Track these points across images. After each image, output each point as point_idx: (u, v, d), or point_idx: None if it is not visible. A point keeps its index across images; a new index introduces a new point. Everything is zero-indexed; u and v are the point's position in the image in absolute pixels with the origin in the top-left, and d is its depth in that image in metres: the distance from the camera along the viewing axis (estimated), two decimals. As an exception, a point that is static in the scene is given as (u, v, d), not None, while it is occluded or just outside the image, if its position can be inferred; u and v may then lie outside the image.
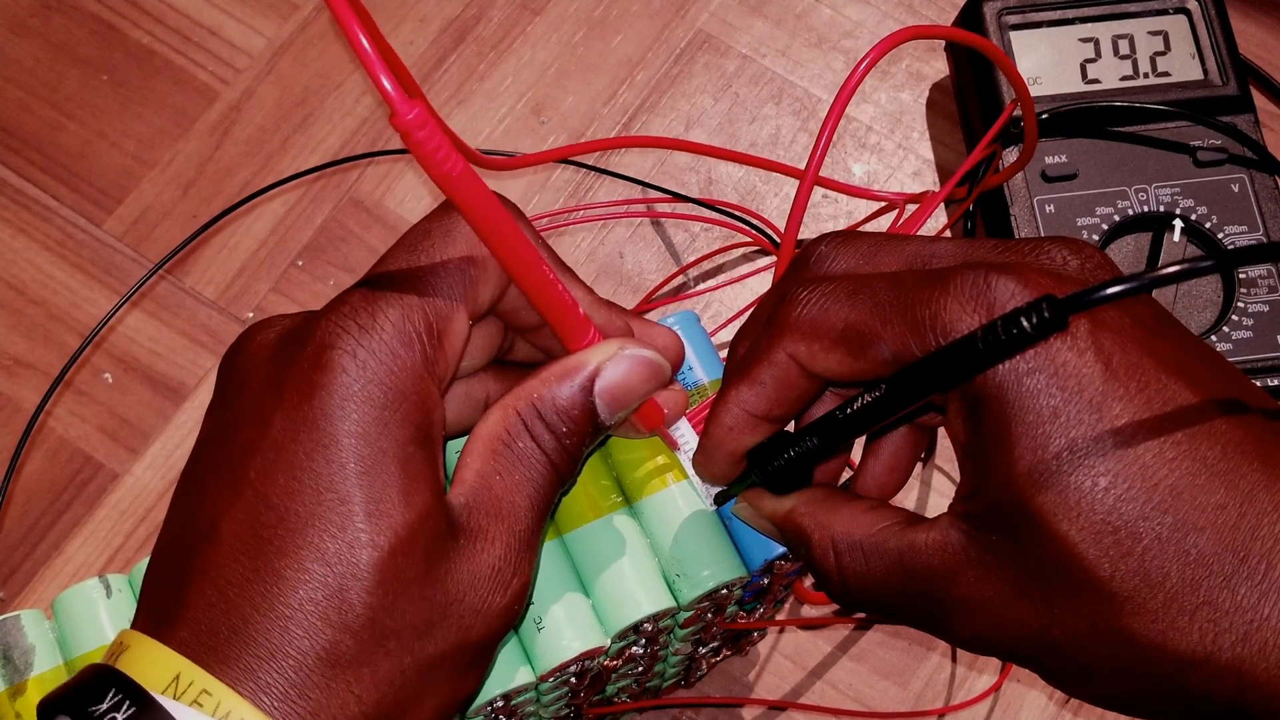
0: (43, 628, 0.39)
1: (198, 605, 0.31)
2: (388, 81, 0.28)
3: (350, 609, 0.31)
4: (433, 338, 0.34)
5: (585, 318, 0.36)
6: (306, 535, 0.31)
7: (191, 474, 0.34)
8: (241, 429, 0.33)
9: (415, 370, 0.33)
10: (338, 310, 0.33)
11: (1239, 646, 0.29)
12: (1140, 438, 0.30)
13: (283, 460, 0.32)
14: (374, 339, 0.33)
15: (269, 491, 0.32)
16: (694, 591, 0.39)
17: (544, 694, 0.40)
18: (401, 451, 0.33)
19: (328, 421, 0.32)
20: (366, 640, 0.31)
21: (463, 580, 0.33)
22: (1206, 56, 0.62)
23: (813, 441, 0.36)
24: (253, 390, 0.33)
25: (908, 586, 0.34)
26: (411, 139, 0.29)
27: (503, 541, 0.34)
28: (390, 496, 0.32)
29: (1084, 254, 0.33)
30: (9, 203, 0.63)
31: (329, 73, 0.66)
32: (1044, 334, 0.29)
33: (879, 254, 0.35)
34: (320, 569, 0.31)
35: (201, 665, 0.31)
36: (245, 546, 0.32)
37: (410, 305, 0.33)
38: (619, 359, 0.36)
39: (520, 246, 0.33)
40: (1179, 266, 0.27)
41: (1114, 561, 0.30)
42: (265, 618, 0.31)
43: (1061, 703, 0.56)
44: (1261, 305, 0.58)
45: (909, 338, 0.32)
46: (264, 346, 0.34)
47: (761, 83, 0.66)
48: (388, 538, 0.32)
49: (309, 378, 0.32)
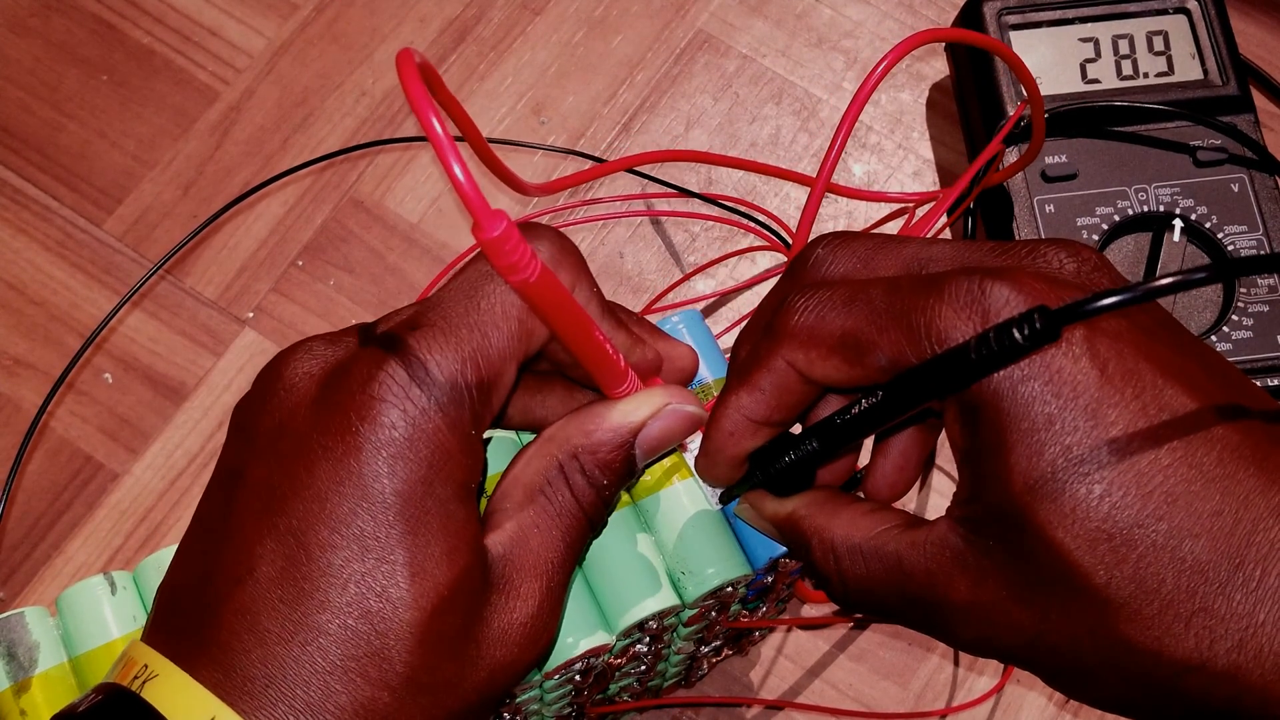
0: (47, 625, 0.39)
1: (232, 648, 0.31)
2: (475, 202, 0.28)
3: (390, 667, 0.31)
4: (484, 393, 0.33)
5: (626, 369, 0.36)
6: (349, 592, 0.31)
7: (222, 503, 0.33)
8: (283, 472, 0.32)
9: (464, 427, 0.33)
10: (388, 357, 0.32)
11: (1234, 652, 0.29)
12: (1136, 444, 0.30)
13: (326, 512, 0.32)
14: (425, 394, 0.32)
15: (311, 543, 0.31)
16: (699, 589, 0.40)
17: (548, 692, 0.41)
18: (444, 509, 0.32)
19: (374, 478, 0.32)
20: (403, 697, 0.31)
21: (495, 635, 0.33)
22: (1206, 56, 0.62)
23: (812, 445, 0.36)
24: (295, 432, 0.33)
25: (906, 589, 0.34)
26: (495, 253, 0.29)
27: (536, 599, 0.34)
28: (433, 555, 0.32)
29: (1080, 256, 0.33)
30: (9, 203, 0.63)
31: (329, 73, 0.66)
32: (1036, 345, 0.29)
33: (876, 257, 0.35)
34: (363, 626, 0.31)
35: (236, 710, 0.30)
36: (285, 595, 0.31)
37: (465, 359, 0.33)
38: (665, 414, 0.36)
39: (582, 324, 0.33)
40: (1172, 279, 0.27)
41: (1109, 568, 0.30)
42: (304, 670, 0.31)
43: (1061, 703, 0.56)
44: (1261, 305, 0.58)
45: (905, 345, 0.32)
46: (307, 382, 0.33)
47: (761, 83, 0.66)
48: (430, 599, 0.32)
49: (355, 427, 0.32)
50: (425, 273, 0.62)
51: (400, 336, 0.33)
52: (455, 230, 0.63)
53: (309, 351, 0.34)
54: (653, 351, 0.38)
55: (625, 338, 0.37)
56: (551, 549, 0.35)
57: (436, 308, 0.34)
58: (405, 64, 0.29)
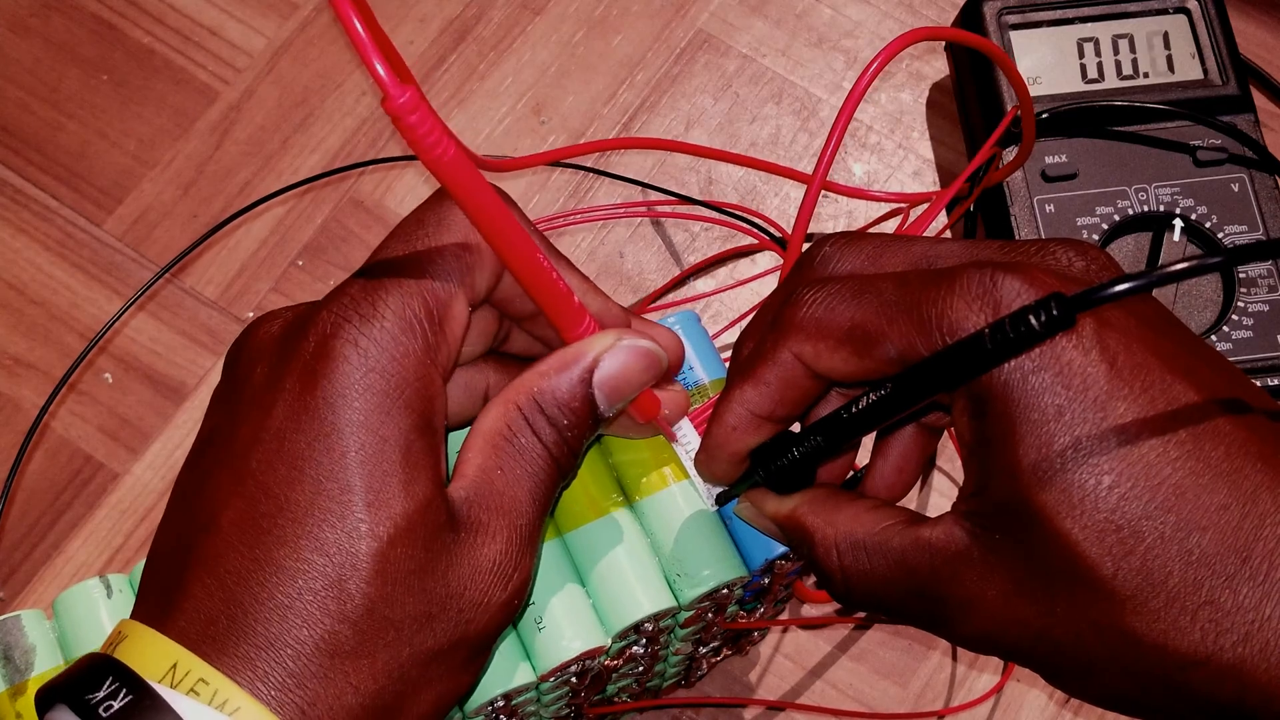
0: (43, 628, 0.39)
1: (196, 595, 0.32)
2: (381, 67, 0.28)
3: (349, 599, 0.31)
4: (434, 324, 0.34)
5: (580, 306, 0.36)
6: (305, 524, 0.31)
7: (194, 466, 0.34)
8: (244, 421, 0.33)
9: (417, 357, 0.33)
10: (338, 300, 0.33)
11: (1240, 646, 0.29)
12: (1144, 437, 0.30)
13: (285, 450, 0.32)
14: (375, 327, 0.33)
15: (269, 481, 0.32)
16: (695, 591, 0.40)
17: (545, 694, 0.40)
18: (404, 439, 0.32)
19: (330, 410, 0.32)
20: (365, 631, 0.31)
21: (463, 574, 0.33)
22: (1206, 56, 0.62)
23: (818, 440, 0.36)
24: (256, 382, 0.33)
25: (910, 585, 0.34)
26: (403, 123, 0.29)
27: (504, 536, 0.34)
28: (391, 486, 0.32)
29: (1089, 255, 0.33)
30: (9, 203, 0.63)
31: (329, 73, 0.66)
32: (1052, 332, 0.29)
33: (884, 255, 0.35)
34: (319, 559, 0.31)
35: (199, 654, 0.31)
36: (244, 536, 0.32)
37: (410, 292, 0.33)
38: (617, 349, 0.36)
39: (514, 233, 0.33)
40: (1186, 264, 0.28)
41: (1116, 560, 0.30)
42: (264, 607, 0.31)
43: (1062, 703, 0.56)
44: (1261, 305, 0.58)
45: (915, 337, 0.32)
46: (267, 339, 0.34)
47: (761, 82, 0.66)
48: (387, 528, 0.32)
49: (311, 367, 0.32)
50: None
51: (347, 284, 0.34)
52: (455, 230, 0.63)
53: (274, 316, 0.35)
54: (619, 309, 0.38)
55: (581, 281, 0.37)
56: (516, 487, 0.35)
57: (378, 254, 0.35)
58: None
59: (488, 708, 0.38)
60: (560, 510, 0.40)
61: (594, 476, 0.40)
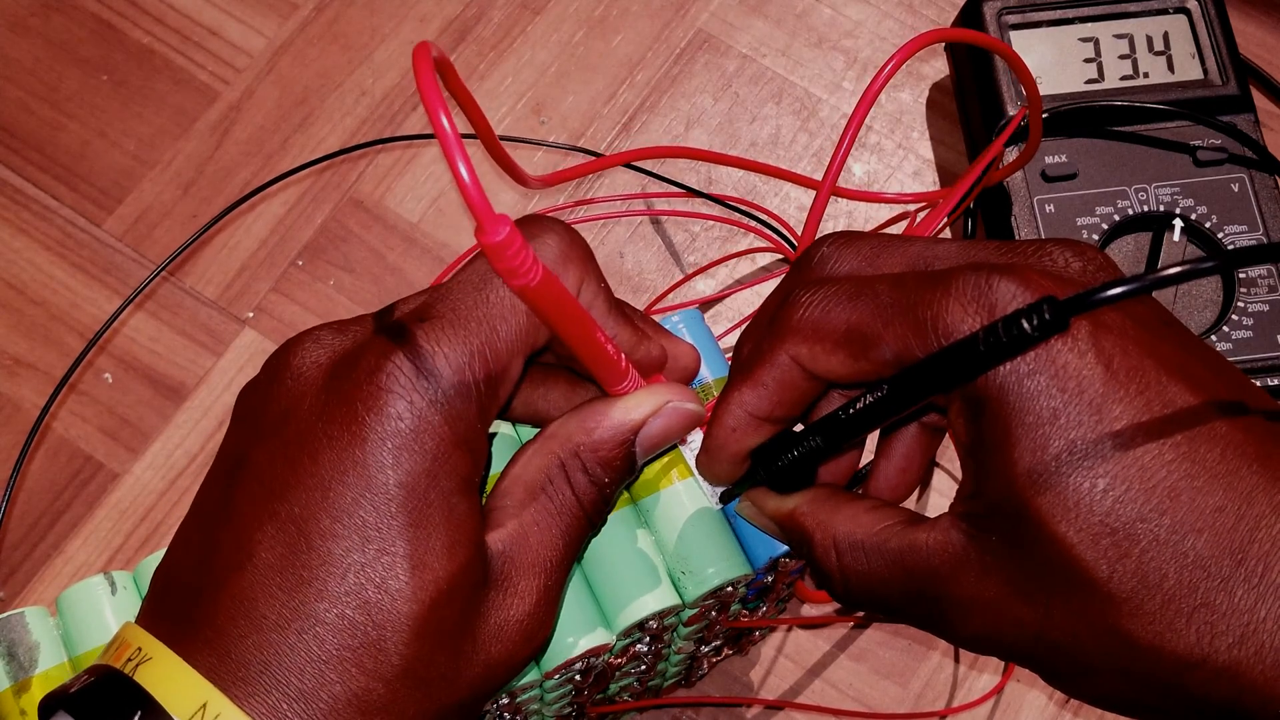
0: (47, 625, 0.39)
1: (228, 632, 0.31)
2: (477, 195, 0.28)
3: (386, 659, 0.31)
4: (490, 386, 0.33)
5: (627, 366, 0.36)
6: (348, 582, 0.31)
7: (226, 490, 0.33)
8: (285, 460, 0.32)
9: (469, 420, 0.33)
10: (397, 345, 0.32)
11: (1235, 648, 0.29)
12: (1139, 439, 0.30)
13: (329, 501, 0.31)
14: (432, 385, 0.32)
15: (312, 531, 0.31)
16: (699, 589, 0.40)
17: (548, 691, 0.40)
18: (447, 503, 0.32)
19: (379, 469, 0.31)
20: (398, 689, 0.31)
21: (491, 631, 0.33)
22: (1206, 56, 0.62)
23: (816, 441, 0.36)
24: (300, 420, 0.33)
25: (908, 586, 0.34)
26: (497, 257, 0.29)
27: (534, 597, 0.34)
28: (434, 549, 0.32)
29: (1086, 256, 0.33)
30: (9, 203, 0.63)
31: (329, 73, 0.66)
32: (1045, 335, 0.29)
33: (881, 256, 0.35)
34: (360, 617, 0.31)
35: (229, 696, 0.30)
36: (283, 582, 0.31)
37: (472, 351, 0.33)
38: (665, 413, 0.36)
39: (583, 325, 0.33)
40: (1181, 268, 0.27)
41: (1112, 563, 0.30)
42: (300, 658, 0.31)
43: (1061, 703, 0.56)
44: (1261, 305, 0.58)
45: (911, 339, 0.32)
46: (314, 372, 0.33)
47: (761, 82, 0.66)
48: (430, 592, 0.32)
49: (361, 418, 0.32)
50: (425, 272, 0.62)
51: (409, 327, 0.33)
52: (455, 230, 0.63)
53: (317, 340, 0.34)
54: (658, 348, 0.38)
55: (630, 334, 0.37)
56: (551, 547, 0.35)
57: (445, 299, 0.34)
58: (421, 58, 0.29)
59: (492, 706, 0.38)
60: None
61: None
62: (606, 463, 0.35)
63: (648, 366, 0.38)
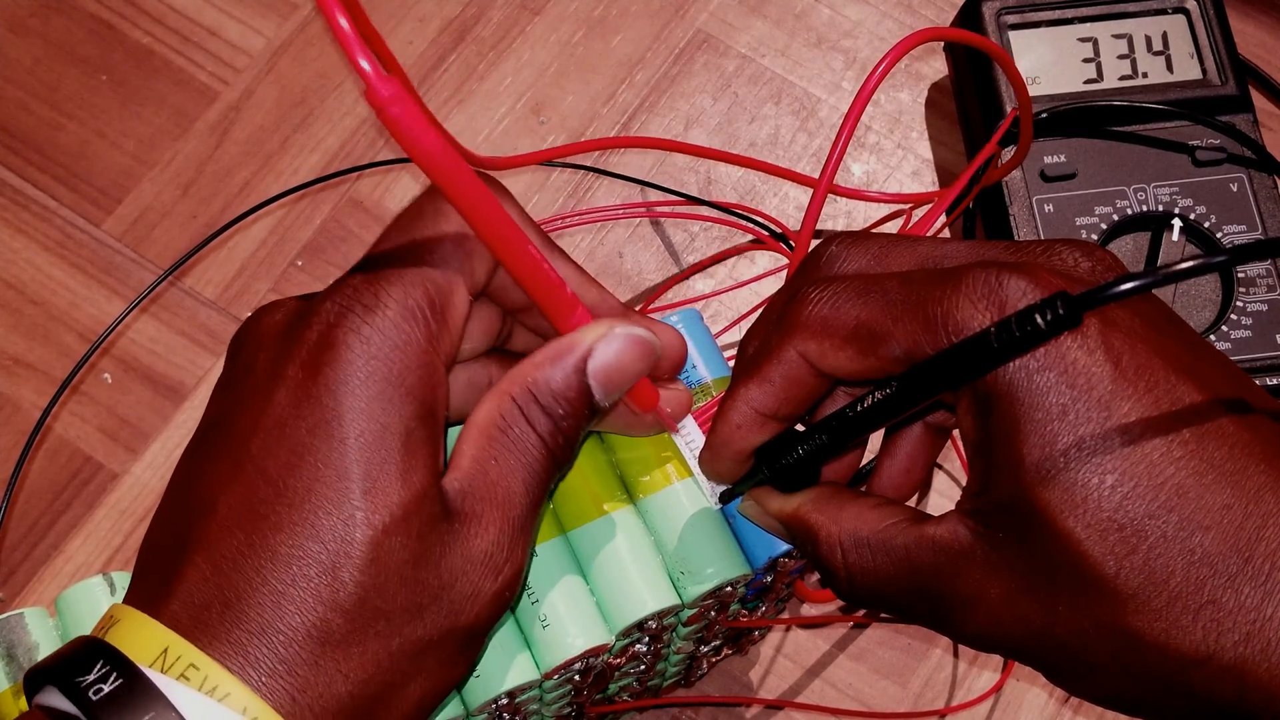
0: (46, 625, 0.39)
1: (191, 579, 0.31)
2: (364, 59, 0.28)
3: (342, 587, 0.31)
4: (436, 313, 0.34)
5: (573, 296, 0.36)
6: (302, 511, 0.31)
7: (193, 453, 0.34)
8: (245, 408, 0.33)
9: (420, 345, 0.33)
10: (341, 291, 0.33)
11: (1241, 646, 0.29)
12: (1148, 436, 0.30)
13: (285, 437, 0.32)
14: (378, 315, 0.33)
15: (269, 467, 0.32)
16: (698, 589, 0.40)
17: (548, 691, 0.40)
18: (404, 427, 0.32)
19: (332, 398, 0.32)
20: (357, 620, 0.31)
21: (455, 564, 0.33)
22: (1205, 56, 0.62)
23: (823, 439, 0.36)
24: (258, 370, 0.33)
25: (913, 583, 0.34)
26: (386, 114, 0.29)
27: (496, 527, 0.34)
28: (389, 474, 0.32)
29: (1095, 256, 0.33)
30: (8, 203, 0.63)
31: (329, 73, 0.66)
32: (1057, 330, 0.29)
33: (890, 254, 0.35)
34: (314, 545, 0.31)
35: (191, 640, 0.31)
36: (241, 521, 0.32)
37: (411, 281, 0.33)
38: (611, 338, 0.35)
39: (502, 223, 0.32)
40: (1191, 263, 0.28)
41: (1119, 559, 0.30)
42: (257, 593, 0.31)
43: (1061, 701, 0.56)
44: (1260, 304, 0.58)
45: (920, 335, 0.32)
46: (270, 328, 0.34)
47: (761, 82, 0.66)
48: (382, 516, 0.32)
49: (314, 356, 0.32)
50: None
51: (349, 276, 0.34)
52: (455, 230, 0.63)
53: (278, 306, 0.35)
54: (614, 300, 0.38)
55: (576, 272, 0.37)
56: (510, 478, 0.34)
57: (380, 242, 0.35)
58: None
59: (491, 705, 0.38)
60: (563, 508, 0.40)
61: (597, 475, 0.40)
62: (559, 395, 0.35)
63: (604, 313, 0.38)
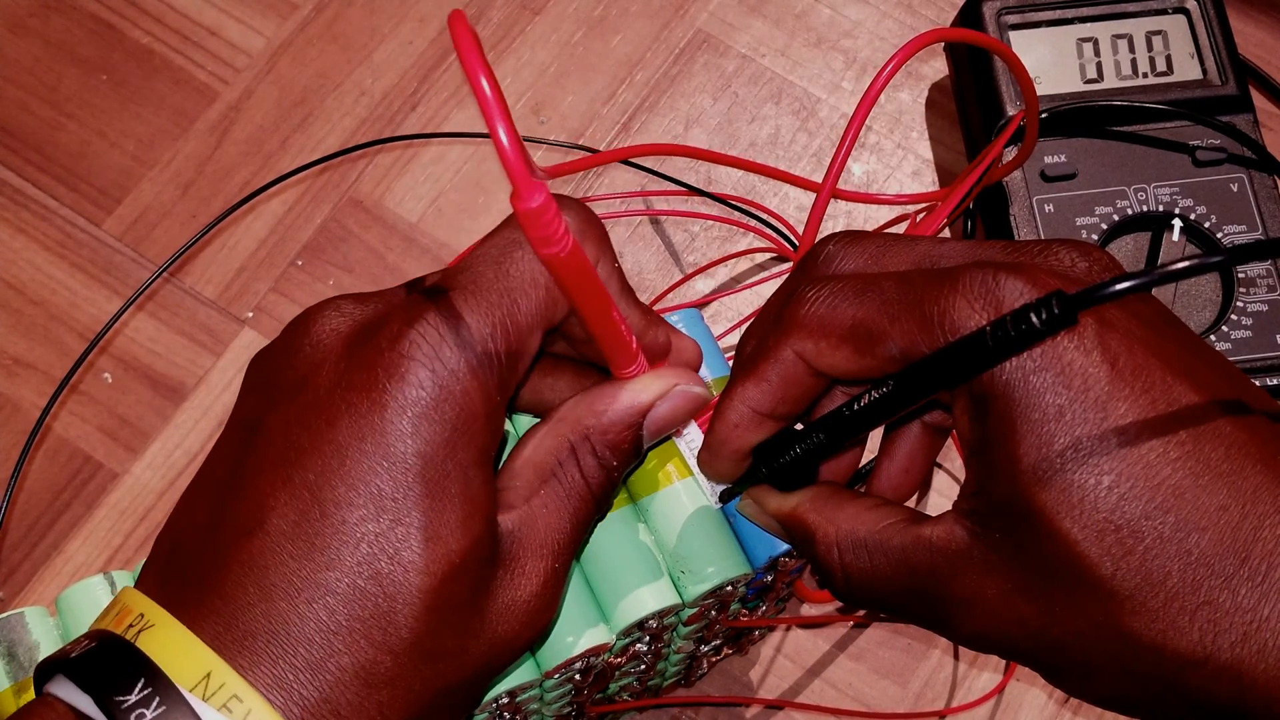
0: (47, 625, 0.39)
1: (236, 600, 0.31)
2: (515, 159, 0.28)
3: (395, 631, 0.31)
4: (511, 360, 0.33)
5: (637, 349, 0.36)
6: (360, 551, 0.31)
7: (237, 457, 0.33)
8: (301, 425, 0.32)
9: (489, 391, 0.32)
10: (420, 315, 0.32)
11: (1238, 647, 0.29)
12: (1144, 437, 0.30)
13: (345, 469, 0.31)
14: (454, 354, 0.32)
15: (326, 499, 0.31)
16: (699, 588, 0.40)
17: (548, 691, 0.40)
18: (464, 475, 0.32)
19: (397, 437, 0.31)
20: (405, 662, 0.31)
21: (498, 611, 0.33)
22: (1206, 56, 0.62)
23: (819, 437, 0.36)
24: (318, 386, 0.32)
25: (911, 584, 0.34)
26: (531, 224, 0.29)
27: (540, 578, 0.34)
28: (449, 522, 0.32)
29: (1092, 257, 0.33)
30: (8, 203, 0.63)
31: (328, 73, 0.66)
32: (1054, 329, 0.29)
33: (887, 254, 0.35)
34: (372, 588, 0.31)
35: (234, 666, 0.30)
36: (295, 550, 0.31)
37: (495, 322, 0.33)
38: (674, 396, 0.36)
39: (602, 301, 0.33)
40: (1189, 262, 0.28)
41: (1115, 560, 0.30)
42: (308, 628, 0.30)
43: (1061, 701, 0.56)
44: (1260, 305, 0.58)
45: (917, 334, 0.32)
46: (334, 338, 0.33)
47: (761, 82, 0.66)
48: (442, 565, 0.31)
49: (382, 384, 0.31)
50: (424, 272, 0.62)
51: (432, 297, 0.33)
52: (454, 230, 0.63)
53: (338, 309, 0.34)
54: (664, 335, 0.38)
55: (640, 317, 0.37)
56: (559, 530, 0.34)
57: (467, 271, 0.34)
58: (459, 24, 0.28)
59: (492, 705, 0.38)
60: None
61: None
62: (615, 445, 0.35)
63: (654, 353, 0.38)
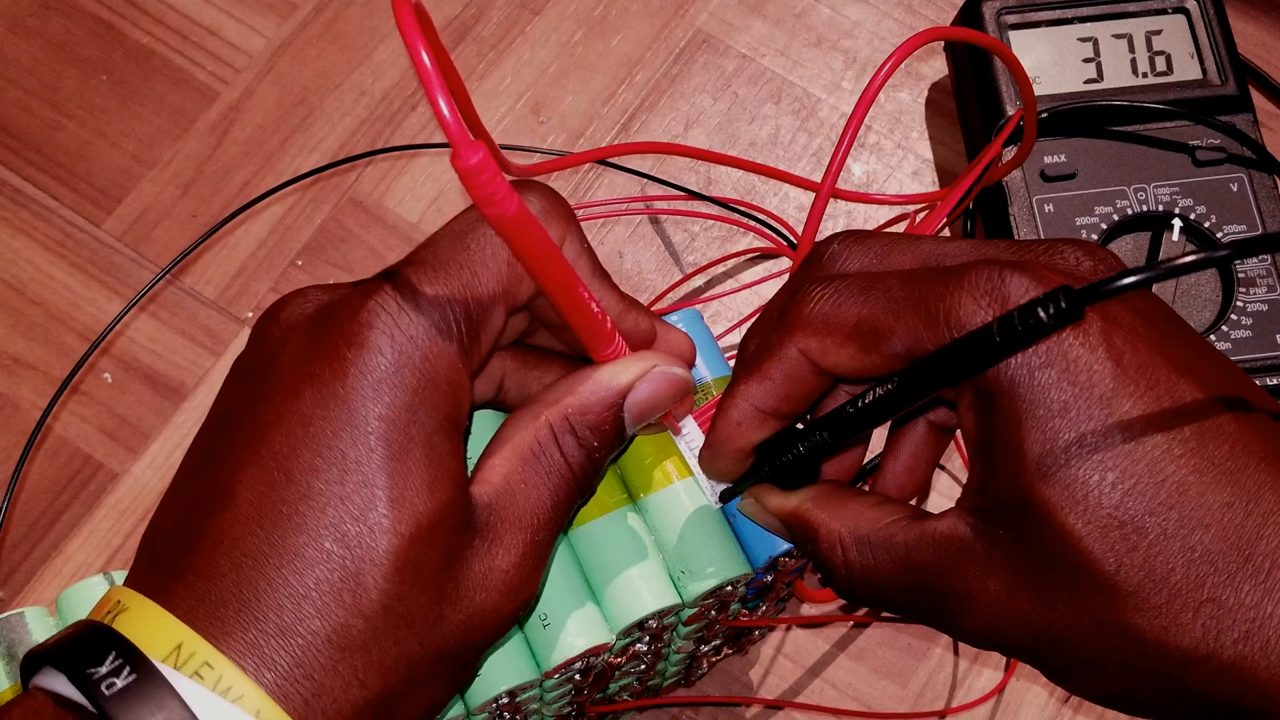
0: (46, 625, 0.39)
1: (207, 574, 0.31)
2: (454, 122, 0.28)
3: (365, 593, 0.31)
4: (471, 328, 0.33)
5: (612, 330, 0.36)
6: (327, 515, 0.31)
7: (209, 439, 0.34)
8: (268, 400, 0.32)
9: (451, 358, 0.33)
10: (379, 288, 0.33)
11: (1241, 644, 0.29)
12: (1149, 434, 0.30)
13: (309, 436, 0.32)
14: (414, 321, 0.32)
15: (292, 466, 0.31)
16: (699, 588, 0.40)
17: (548, 691, 0.40)
18: (429, 440, 0.32)
19: (359, 401, 0.32)
20: (378, 626, 0.31)
21: (475, 579, 0.33)
22: (1205, 56, 0.62)
23: (823, 436, 0.36)
24: (284, 361, 0.33)
25: (914, 580, 0.34)
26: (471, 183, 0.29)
27: (519, 550, 0.34)
28: (415, 484, 0.32)
29: (1097, 255, 0.33)
30: (8, 203, 0.63)
31: (328, 73, 0.66)
32: (1060, 324, 0.29)
33: (891, 253, 0.35)
34: (339, 550, 0.31)
35: (205, 636, 0.30)
36: (262, 518, 0.31)
37: (453, 293, 0.33)
38: (652, 377, 0.36)
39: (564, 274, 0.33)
40: (1193, 257, 0.28)
41: (1119, 556, 0.30)
42: (278, 594, 0.31)
43: (1062, 701, 0.56)
44: (1260, 304, 0.58)
45: (922, 332, 0.32)
46: (299, 318, 0.34)
47: (760, 82, 0.66)
48: (409, 525, 0.31)
49: (343, 354, 0.32)
50: (425, 272, 0.62)
51: (391, 271, 0.33)
52: (455, 230, 0.63)
53: (303, 295, 0.35)
54: (646, 321, 0.38)
55: (616, 301, 0.37)
56: (538, 504, 0.34)
57: (427, 247, 0.34)
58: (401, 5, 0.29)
59: (492, 705, 0.38)
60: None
61: (598, 474, 0.40)
62: (595, 427, 0.35)
63: (636, 340, 0.38)
